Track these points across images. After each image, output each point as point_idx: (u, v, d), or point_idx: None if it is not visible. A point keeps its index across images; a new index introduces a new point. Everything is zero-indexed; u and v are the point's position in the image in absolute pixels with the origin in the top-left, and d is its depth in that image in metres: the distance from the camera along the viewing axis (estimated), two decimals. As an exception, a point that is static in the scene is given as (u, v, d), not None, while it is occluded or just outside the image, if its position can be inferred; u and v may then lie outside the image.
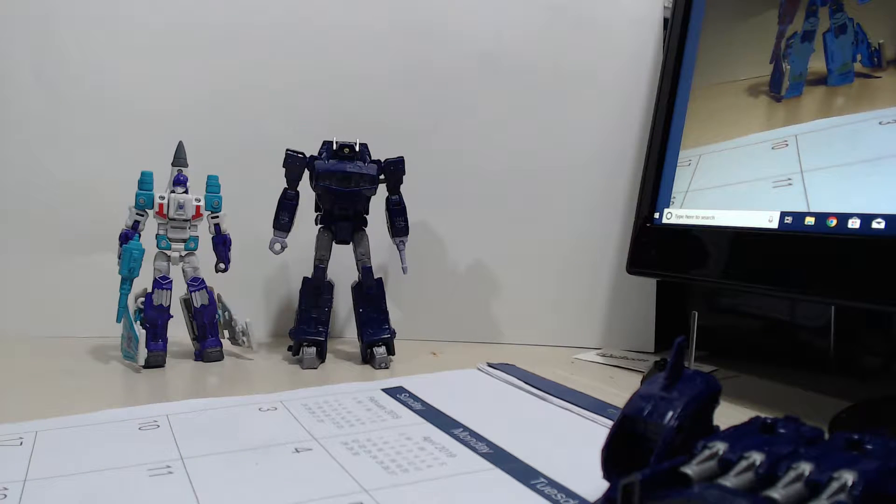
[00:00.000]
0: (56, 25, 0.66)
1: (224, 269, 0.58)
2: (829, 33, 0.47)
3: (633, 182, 0.67)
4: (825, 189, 0.45)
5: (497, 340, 0.69)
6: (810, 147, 0.47)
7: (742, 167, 0.51)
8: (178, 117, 0.66)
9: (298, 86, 0.68)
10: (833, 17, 0.47)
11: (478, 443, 0.37)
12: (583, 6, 0.69)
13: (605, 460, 0.25)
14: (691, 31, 0.58)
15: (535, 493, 0.30)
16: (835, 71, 0.46)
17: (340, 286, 0.60)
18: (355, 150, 0.57)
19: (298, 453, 0.35)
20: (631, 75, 0.69)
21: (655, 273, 0.60)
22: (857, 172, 0.43)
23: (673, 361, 0.26)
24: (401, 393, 0.46)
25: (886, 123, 0.42)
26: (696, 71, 0.57)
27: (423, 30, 0.69)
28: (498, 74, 0.69)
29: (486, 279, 0.70)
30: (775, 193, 0.48)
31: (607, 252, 0.69)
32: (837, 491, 0.19)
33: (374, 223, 0.59)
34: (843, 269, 0.42)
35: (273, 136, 0.62)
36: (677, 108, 0.58)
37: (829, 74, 0.47)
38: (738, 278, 0.50)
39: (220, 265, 0.58)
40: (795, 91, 0.49)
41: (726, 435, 0.23)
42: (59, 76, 0.66)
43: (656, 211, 0.58)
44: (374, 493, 0.30)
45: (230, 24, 0.68)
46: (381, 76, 0.69)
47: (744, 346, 0.66)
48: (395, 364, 0.57)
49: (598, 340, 0.69)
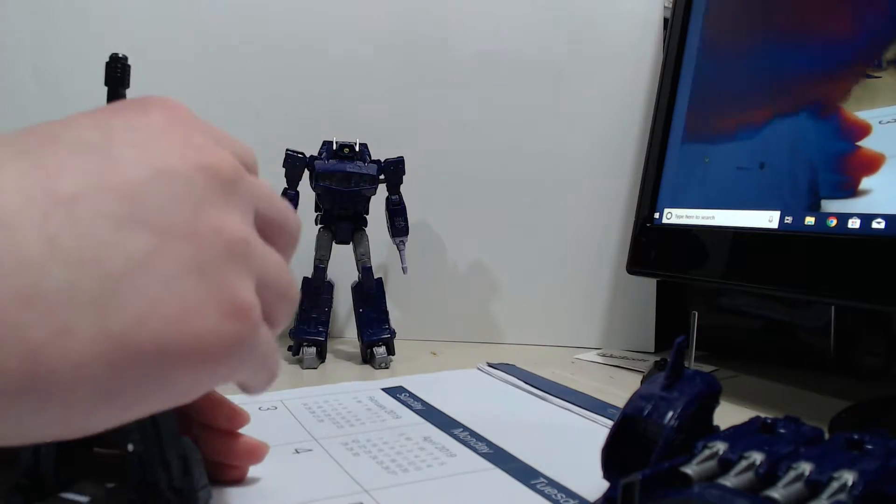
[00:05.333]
0: (56, 25, 0.66)
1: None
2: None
3: (633, 182, 0.67)
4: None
5: (497, 340, 0.69)
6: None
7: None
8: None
9: (298, 86, 0.68)
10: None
11: (478, 443, 0.37)
12: (583, 6, 0.69)
13: (605, 460, 0.25)
14: (691, 31, 0.58)
15: (535, 493, 0.30)
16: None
17: (340, 286, 0.60)
18: (355, 150, 0.57)
19: (299, 454, 0.35)
20: (631, 75, 0.69)
21: (655, 273, 0.60)
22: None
23: (673, 361, 0.26)
24: (401, 393, 0.46)
25: (886, 123, 0.42)
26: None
27: (424, 30, 0.69)
28: (498, 74, 0.69)
29: (486, 279, 0.70)
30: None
31: (607, 252, 0.69)
32: (837, 491, 0.19)
33: (374, 223, 0.59)
34: (843, 269, 0.42)
35: (273, 136, 0.62)
36: (677, 108, 0.58)
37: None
38: (738, 278, 0.50)
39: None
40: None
41: (726, 435, 0.23)
42: (59, 75, 0.66)
43: (656, 211, 0.58)
44: (374, 493, 0.30)
45: (230, 24, 0.68)
46: (382, 76, 0.69)
47: (744, 346, 0.66)
48: (395, 364, 0.57)
49: (598, 340, 0.69)
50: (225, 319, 0.20)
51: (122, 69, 0.35)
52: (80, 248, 0.18)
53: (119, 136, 0.20)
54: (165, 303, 0.19)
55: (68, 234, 0.18)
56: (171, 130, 0.21)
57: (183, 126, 0.22)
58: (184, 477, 0.26)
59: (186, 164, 0.20)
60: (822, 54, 0.47)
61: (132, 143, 0.20)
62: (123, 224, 0.18)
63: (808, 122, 0.47)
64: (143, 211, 0.19)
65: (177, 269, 0.19)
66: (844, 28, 0.45)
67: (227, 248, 0.20)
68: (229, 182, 0.21)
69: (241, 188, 0.22)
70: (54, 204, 0.18)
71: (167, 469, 0.26)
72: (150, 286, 0.18)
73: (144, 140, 0.20)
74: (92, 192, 0.18)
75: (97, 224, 0.18)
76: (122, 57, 0.36)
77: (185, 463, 0.26)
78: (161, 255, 0.19)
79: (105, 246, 0.18)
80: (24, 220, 0.17)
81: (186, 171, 0.20)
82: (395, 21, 0.69)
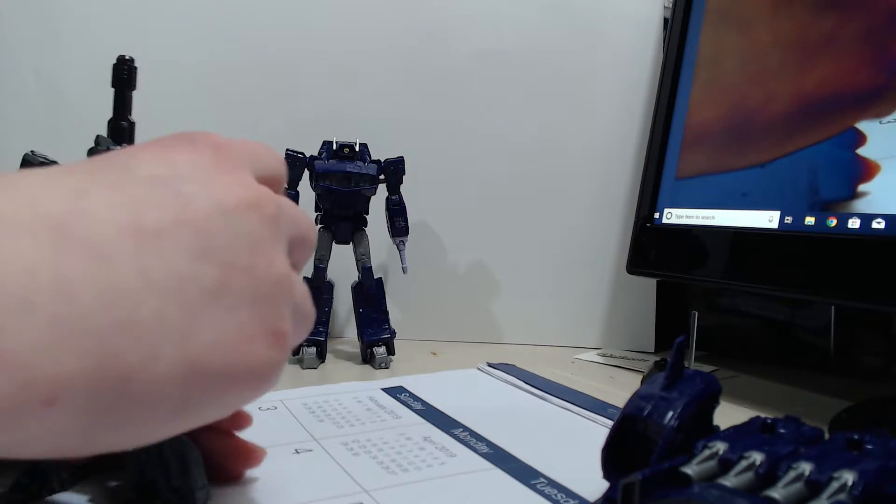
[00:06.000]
0: (56, 25, 0.66)
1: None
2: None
3: (633, 182, 0.67)
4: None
5: (497, 340, 0.69)
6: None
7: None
8: (177, 117, 0.66)
9: (298, 85, 0.68)
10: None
11: (478, 443, 0.37)
12: (583, 6, 0.69)
13: (605, 460, 0.25)
14: (691, 31, 0.58)
15: (535, 493, 0.30)
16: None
17: (340, 286, 0.60)
18: (355, 150, 0.57)
19: (299, 454, 0.35)
20: (631, 75, 0.69)
21: (655, 273, 0.60)
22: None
23: (673, 361, 0.26)
24: (401, 393, 0.46)
25: (886, 123, 0.42)
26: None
27: (424, 30, 0.69)
28: (498, 74, 0.69)
29: (486, 279, 0.70)
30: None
31: (607, 252, 0.69)
32: (837, 491, 0.19)
33: (374, 223, 0.59)
34: (843, 269, 0.42)
35: (273, 136, 0.62)
36: (677, 108, 0.58)
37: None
38: (738, 278, 0.50)
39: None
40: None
41: (726, 435, 0.23)
42: (59, 76, 0.66)
43: (656, 211, 0.58)
44: (374, 493, 0.30)
45: (230, 25, 0.68)
46: (382, 76, 0.69)
47: (744, 346, 0.66)
48: (395, 364, 0.57)
49: (598, 340, 0.69)
50: (272, 347, 0.22)
51: (128, 71, 0.36)
52: (167, 280, 0.19)
53: (183, 173, 0.22)
54: (230, 331, 0.21)
55: (157, 266, 0.19)
56: (222, 168, 0.23)
57: (229, 163, 0.23)
58: (182, 476, 0.26)
59: (240, 202, 0.22)
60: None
61: (194, 180, 0.22)
62: (198, 257, 0.20)
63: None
64: (213, 245, 0.21)
65: (239, 301, 0.21)
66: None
67: (277, 282, 0.22)
68: (274, 219, 0.23)
69: (282, 223, 0.24)
70: (143, 237, 0.19)
71: (166, 469, 0.26)
72: (219, 316, 0.20)
73: (203, 178, 0.22)
74: (172, 226, 0.20)
75: (178, 256, 0.20)
76: (129, 59, 0.36)
77: (183, 462, 0.26)
78: (227, 287, 0.21)
79: (185, 278, 0.20)
80: (119, 250, 0.19)
81: (241, 209, 0.22)
82: (395, 21, 0.69)
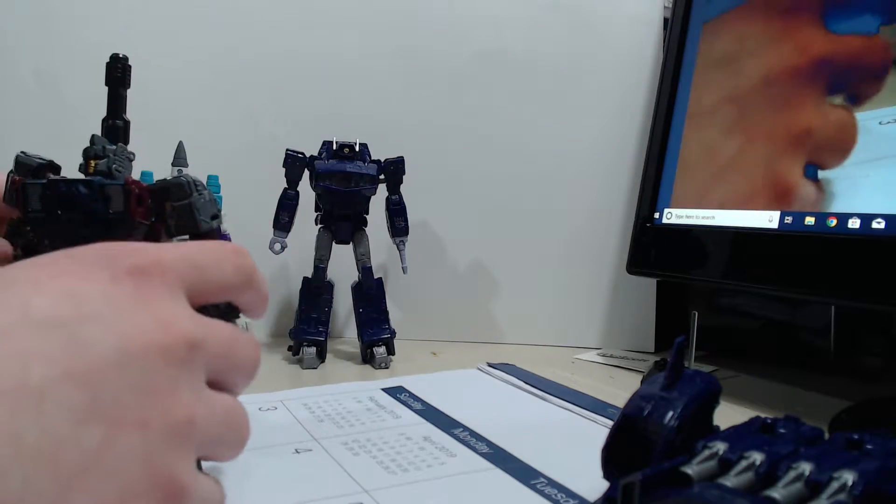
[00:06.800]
0: (56, 26, 0.66)
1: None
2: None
3: (633, 182, 0.67)
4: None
5: (497, 340, 0.69)
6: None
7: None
8: (177, 117, 0.66)
9: (298, 85, 0.68)
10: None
11: (478, 443, 0.37)
12: (583, 5, 0.69)
13: (605, 460, 0.25)
14: (691, 31, 0.58)
15: (535, 493, 0.30)
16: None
17: (340, 286, 0.60)
18: (355, 150, 0.57)
19: (299, 454, 0.35)
20: (631, 75, 0.69)
21: (655, 273, 0.60)
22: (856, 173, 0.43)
23: (673, 361, 0.26)
24: (401, 393, 0.46)
25: (886, 123, 0.42)
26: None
27: (424, 30, 0.69)
28: (498, 74, 0.69)
29: (486, 279, 0.70)
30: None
31: (607, 252, 0.69)
32: (837, 491, 0.19)
33: (374, 223, 0.59)
34: (843, 269, 0.42)
35: (273, 136, 0.62)
36: (677, 108, 0.58)
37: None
38: (738, 278, 0.50)
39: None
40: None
41: (726, 435, 0.23)
42: (59, 76, 0.66)
43: (656, 211, 0.58)
44: (374, 493, 0.30)
45: (230, 25, 0.68)
46: (382, 76, 0.69)
47: (744, 346, 0.66)
48: (395, 364, 0.57)
49: (598, 340, 0.69)
50: (162, 503, 0.21)
51: (122, 69, 0.35)
52: (41, 445, 0.18)
53: (87, 312, 0.20)
54: (108, 495, 0.19)
55: (32, 431, 0.18)
56: (141, 299, 0.22)
57: (152, 291, 0.22)
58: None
59: (145, 346, 0.21)
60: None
61: (99, 319, 0.20)
62: (81, 417, 0.19)
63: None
64: (100, 401, 0.19)
65: (125, 460, 0.20)
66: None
67: (173, 431, 0.21)
68: (182, 362, 0.22)
69: (196, 360, 0.22)
70: (24, 397, 0.18)
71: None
72: (98, 481, 0.19)
73: (111, 315, 0.21)
74: (58, 384, 0.19)
75: (60, 418, 0.18)
76: (123, 57, 0.35)
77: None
78: (111, 446, 0.19)
79: (63, 442, 0.18)
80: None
81: (143, 355, 0.21)
82: (396, 21, 0.69)
